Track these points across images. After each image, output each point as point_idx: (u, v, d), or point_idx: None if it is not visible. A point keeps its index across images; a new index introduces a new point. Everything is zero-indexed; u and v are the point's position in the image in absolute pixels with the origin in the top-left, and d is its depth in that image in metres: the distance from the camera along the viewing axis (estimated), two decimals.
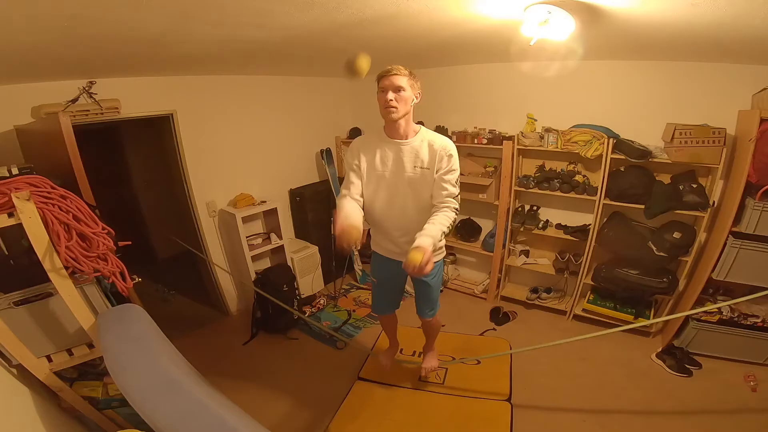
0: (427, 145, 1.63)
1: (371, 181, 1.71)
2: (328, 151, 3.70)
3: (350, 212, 1.59)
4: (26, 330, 1.47)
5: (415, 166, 1.63)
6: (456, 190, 1.64)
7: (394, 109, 1.54)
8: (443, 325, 2.97)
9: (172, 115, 2.74)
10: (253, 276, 3.15)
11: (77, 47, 1.59)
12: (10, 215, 1.26)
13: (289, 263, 3.38)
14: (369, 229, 1.95)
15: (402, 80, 1.53)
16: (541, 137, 2.84)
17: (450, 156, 1.62)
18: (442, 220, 1.56)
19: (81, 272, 1.41)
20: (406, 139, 1.64)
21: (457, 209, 1.63)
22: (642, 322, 2.29)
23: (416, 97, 1.61)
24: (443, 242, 1.86)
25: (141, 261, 3.72)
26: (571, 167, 2.93)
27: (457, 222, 1.64)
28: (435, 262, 1.87)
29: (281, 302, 2.65)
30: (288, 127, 3.52)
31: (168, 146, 2.88)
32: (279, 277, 3.04)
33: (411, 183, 1.65)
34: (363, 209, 1.75)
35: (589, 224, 2.83)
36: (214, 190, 3.11)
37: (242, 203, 3.13)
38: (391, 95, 1.53)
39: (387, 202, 1.71)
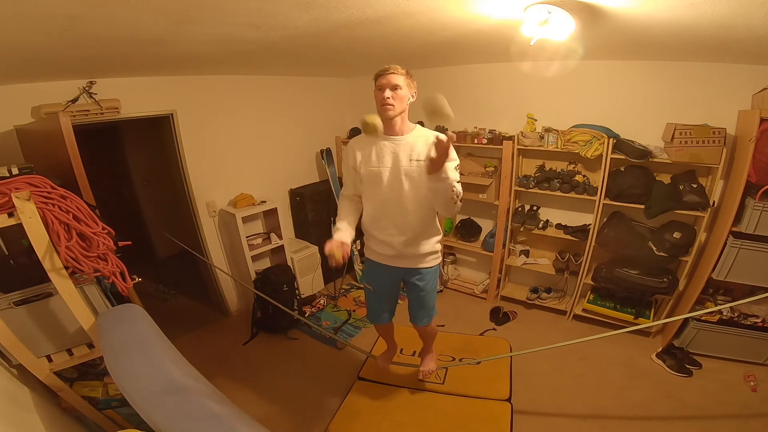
0: (422, 140, 1.65)
1: (368, 177, 1.72)
2: (328, 151, 3.70)
3: (343, 224, 1.75)
4: (26, 330, 1.47)
5: (410, 159, 1.64)
6: (457, 176, 1.59)
7: (390, 107, 1.57)
8: (442, 325, 2.99)
9: (172, 115, 2.74)
10: (253, 276, 3.15)
11: (77, 47, 1.59)
12: (10, 215, 1.26)
13: (289, 263, 3.38)
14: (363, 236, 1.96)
15: (399, 79, 1.56)
16: (541, 137, 2.84)
17: None
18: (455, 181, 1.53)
19: (81, 272, 1.41)
20: (402, 135, 1.66)
21: (461, 190, 1.57)
22: (645, 323, 2.29)
23: (412, 96, 1.64)
24: (438, 247, 1.87)
25: (141, 261, 3.72)
26: (571, 167, 2.93)
27: (459, 204, 1.61)
28: (429, 268, 1.88)
29: (281, 303, 2.64)
30: (288, 127, 3.52)
31: (168, 146, 2.88)
32: (279, 277, 3.04)
33: (407, 176, 1.65)
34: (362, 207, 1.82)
35: (589, 224, 2.83)
36: (214, 190, 3.11)
37: (242, 203, 3.13)
38: (388, 93, 1.55)
39: (384, 199, 1.72)
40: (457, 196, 1.54)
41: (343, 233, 1.73)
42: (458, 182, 1.61)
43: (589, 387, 2.38)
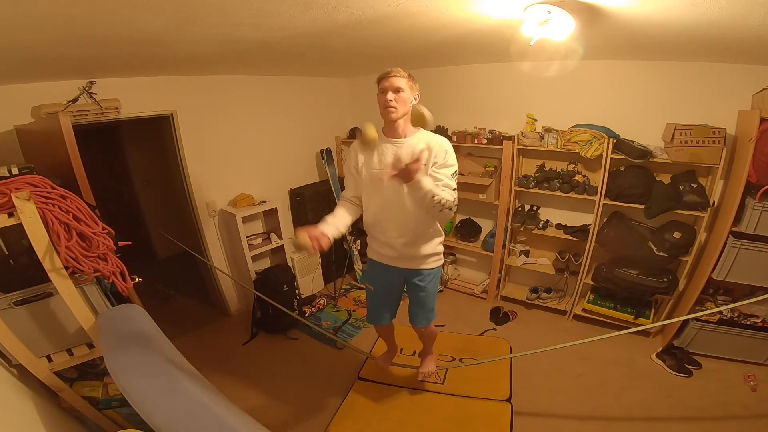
0: (424, 143, 1.65)
1: (369, 179, 1.72)
2: (328, 151, 3.70)
3: (332, 219, 1.72)
4: (26, 330, 1.47)
5: None
6: (453, 183, 1.61)
7: (393, 110, 1.57)
8: (442, 325, 2.99)
9: (172, 115, 2.74)
10: (253, 276, 3.15)
11: (77, 47, 1.59)
12: (10, 215, 1.26)
13: (289, 263, 3.38)
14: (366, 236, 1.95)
15: (401, 82, 1.56)
16: (541, 137, 2.84)
17: (446, 151, 1.62)
18: (439, 190, 1.53)
19: (81, 272, 1.41)
20: (405, 138, 1.66)
21: (454, 199, 1.59)
22: (645, 324, 2.29)
23: (415, 99, 1.64)
24: (440, 248, 1.87)
25: (141, 261, 3.72)
26: (571, 167, 2.93)
27: (452, 212, 1.62)
28: (431, 269, 1.88)
29: (281, 304, 2.64)
30: (288, 127, 3.52)
31: (168, 146, 2.88)
32: (279, 277, 3.04)
33: None
34: (362, 209, 1.80)
35: (589, 224, 2.83)
36: (214, 190, 3.11)
37: (242, 203, 3.13)
38: (390, 96, 1.56)
39: (385, 201, 1.72)
40: (443, 205, 1.52)
41: (328, 226, 1.67)
42: (453, 189, 1.61)
43: (589, 387, 2.38)
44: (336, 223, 1.71)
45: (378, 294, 2.03)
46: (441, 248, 1.88)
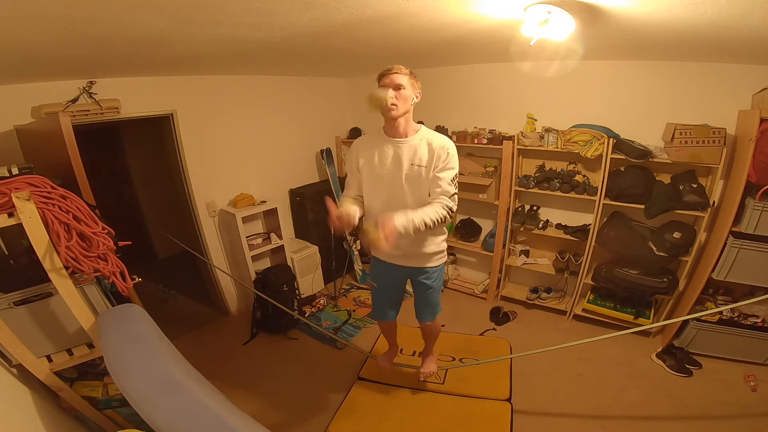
0: (425, 143, 1.63)
1: (370, 179, 1.72)
2: (328, 151, 3.71)
3: (345, 205, 1.67)
4: (26, 330, 1.47)
5: (412, 164, 1.63)
6: (451, 189, 1.61)
7: (394, 107, 1.55)
8: (443, 325, 2.98)
9: (172, 115, 2.74)
10: (253, 276, 3.15)
11: (77, 47, 1.59)
12: (10, 215, 1.26)
13: (289, 263, 3.38)
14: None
15: (402, 79, 1.55)
16: (541, 137, 2.84)
17: (448, 153, 1.61)
18: (428, 212, 1.54)
19: (81, 272, 1.40)
20: (406, 137, 1.65)
21: (450, 208, 1.59)
22: (645, 324, 2.29)
23: (416, 97, 1.63)
24: (444, 245, 1.87)
25: (141, 261, 3.72)
26: (571, 167, 2.93)
27: (448, 221, 1.63)
28: (436, 267, 1.88)
29: (281, 304, 2.64)
30: (288, 127, 3.52)
31: (168, 146, 2.88)
32: (279, 277, 3.04)
33: (409, 181, 1.65)
34: (364, 207, 1.79)
35: (589, 224, 2.83)
36: (214, 190, 3.11)
37: (242, 203, 3.13)
38: (391, 93, 1.54)
39: (386, 201, 1.71)
40: (434, 224, 1.54)
41: (349, 206, 1.66)
42: (452, 195, 1.61)
43: (589, 387, 2.38)
44: (353, 206, 1.69)
45: (382, 291, 2.04)
46: (444, 245, 1.88)
